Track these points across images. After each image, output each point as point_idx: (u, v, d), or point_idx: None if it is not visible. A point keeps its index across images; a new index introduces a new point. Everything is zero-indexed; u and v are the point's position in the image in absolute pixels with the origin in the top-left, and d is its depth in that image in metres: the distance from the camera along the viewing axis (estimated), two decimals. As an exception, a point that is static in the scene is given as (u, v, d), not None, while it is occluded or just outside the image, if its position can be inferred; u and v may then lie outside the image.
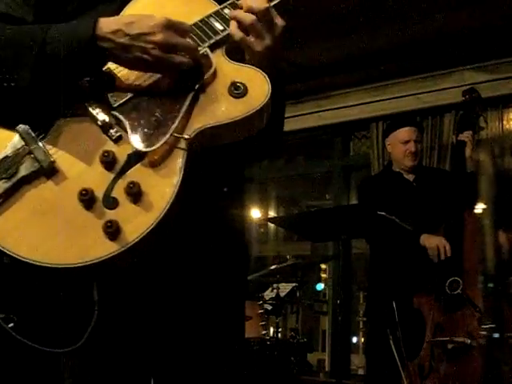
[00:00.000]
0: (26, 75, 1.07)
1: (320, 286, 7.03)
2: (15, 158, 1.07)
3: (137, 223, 1.02)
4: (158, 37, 1.08)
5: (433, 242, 3.04)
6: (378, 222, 2.92)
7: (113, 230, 1.00)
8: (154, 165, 1.07)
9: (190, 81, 1.13)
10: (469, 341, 2.70)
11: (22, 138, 1.08)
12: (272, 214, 7.31)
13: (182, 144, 1.08)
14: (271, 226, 7.27)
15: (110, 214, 1.03)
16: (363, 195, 3.60)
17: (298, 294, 4.34)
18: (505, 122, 4.38)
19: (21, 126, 1.09)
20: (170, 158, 1.08)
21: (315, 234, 3.36)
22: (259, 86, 1.13)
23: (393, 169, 3.53)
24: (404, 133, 3.42)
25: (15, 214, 1.04)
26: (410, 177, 3.43)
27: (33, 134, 1.09)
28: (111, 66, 1.14)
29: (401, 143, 3.40)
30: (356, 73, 4.59)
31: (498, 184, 3.16)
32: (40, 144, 1.08)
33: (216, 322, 1.24)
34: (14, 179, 1.05)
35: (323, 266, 6.95)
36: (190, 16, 1.21)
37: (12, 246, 1.01)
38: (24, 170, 1.07)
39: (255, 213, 6.13)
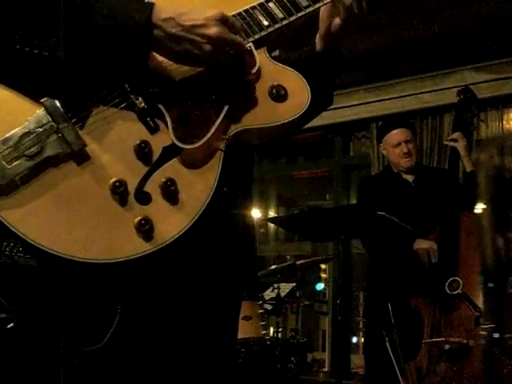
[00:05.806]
0: (65, 40, 0.94)
1: (320, 286, 7.05)
2: (39, 136, 0.95)
3: (170, 223, 0.97)
4: (212, 30, 0.99)
5: (422, 247, 3.05)
6: (378, 222, 2.92)
7: (146, 229, 0.95)
8: (191, 163, 1.02)
9: (232, 77, 1.07)
10: (465, 341, 2.69)
11: (49, 113, 0.96)
12: (272, 214, 7.31)
13: (221, 144, 1.04)
14: (271, 225, 7.27)
15: (143, 210, 0.97)
16: (362, 195, 3.59)
17: (298, 294, 4.34)
18: (505, 122, 4.37)
19: (48, 100, 0.97)
20: (208, 158, 1.03)
21: (315, 234, 3.35)
22: (300, 93, 1.10)
23: (392, 169, 3.52)
24: (394, 136, 3.38)
25: (35, 197, 0.94)
26: (410, 177, 3.41)
27: (62, 111, 0.97)
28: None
29: (393, 147, 3.37)
30: (356, 73, 4.57)
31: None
32: (70, 123, 0.96)
33: (219, 322, 1.21)
34: (38, 159, 0.94)
35: (323, 266, 6.95)
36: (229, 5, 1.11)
37: (28, 231, 0.92)
38: (50, 150, 0.95)
39: (255, 213, 6.14)
